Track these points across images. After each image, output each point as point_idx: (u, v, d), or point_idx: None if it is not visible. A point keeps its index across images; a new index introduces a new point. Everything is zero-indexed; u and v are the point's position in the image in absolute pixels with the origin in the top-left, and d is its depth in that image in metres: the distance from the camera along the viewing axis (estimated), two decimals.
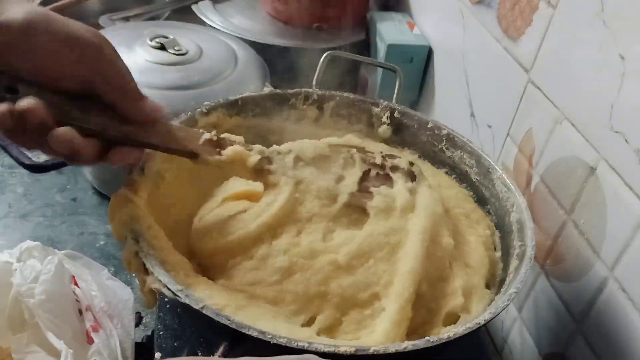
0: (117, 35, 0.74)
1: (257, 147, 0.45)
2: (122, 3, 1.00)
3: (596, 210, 0.48)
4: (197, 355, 0.48)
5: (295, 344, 0.34)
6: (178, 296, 0.35)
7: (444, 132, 0.54)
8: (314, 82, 0.56)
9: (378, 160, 0.47)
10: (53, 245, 0.67)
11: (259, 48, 0.83)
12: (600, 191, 0.47)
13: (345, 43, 0.89)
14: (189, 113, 0.50)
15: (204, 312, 0.35)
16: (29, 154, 0.80)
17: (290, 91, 0.55)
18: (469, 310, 0.43)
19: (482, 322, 0.37)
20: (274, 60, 0.83)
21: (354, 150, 0.47)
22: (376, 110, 0.56)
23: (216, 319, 0.34)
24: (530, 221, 0.45)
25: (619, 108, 0.45)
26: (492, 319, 0.38)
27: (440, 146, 0.55)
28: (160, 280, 0.36)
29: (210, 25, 0.89)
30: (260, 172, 0.44)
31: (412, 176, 0.47)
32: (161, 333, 0.51)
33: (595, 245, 0.48)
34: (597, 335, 0.48)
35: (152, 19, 0.90)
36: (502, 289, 0.42)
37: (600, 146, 0.47)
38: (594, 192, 0.48)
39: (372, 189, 0.45)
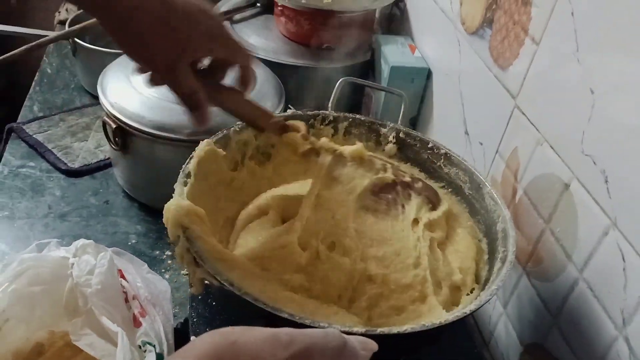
0: None
1: (312, 139, 0.60)
2: None
3: (569, 221, 0.56)
4: None
5: (318, 324, 0.42)
6: (223, 284, 0.43)
7: (442, 151, 0.62)
8: (329, 105, 0.64)
9: (407, 179, 0.58)
10: None
11: (274, 66, 0.91)
12: (573, 204, 0.55)
13: (353, 63, 0.97)
14: (225, 131, 0.58)
15: (244, 297, 0.43)
16: (65, 160, 0.88)
17: (310, 113, 0.63)
18: (466, 283, 0.52)
19: (468, 312, 0.45)
20: (287, 78, 0.91)
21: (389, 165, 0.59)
22: (384, 130, 0.65)
23: (255, 303, 0.42)
24: (512, 230, 0.53)
25: (589, 135, 0.53)
26: (477, 309, 0.46)
27: (438, 163, 0.63)
28: (208, 272, 0.44)
29: None
30: (305, 157, 0.59)
31: (431, 202, 0.59)
32: (195, 320, 0.59)
33: (568, 250, 0.56)
34: (570, 327, 0.57)
35: None
36: (487, 286, 0.50)
37: (573, 166, 0.55)
38: (567, 205, 0.56)
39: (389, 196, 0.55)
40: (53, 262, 0.57)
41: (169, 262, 0.76)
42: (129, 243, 0.78)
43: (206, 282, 0.48)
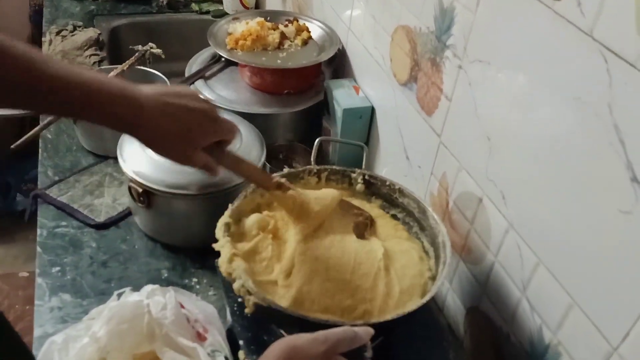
0: None
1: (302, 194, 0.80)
2: None
3: (484, 223, 0.83)
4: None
5: (334, 323, 0.67)
6: (270, 305, 0.67)
7: (397, 187, 0.88)
8: (312, 160, 0.88)
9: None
10: (132, 282, 0.96)
11: (247, 116, 1.13)
12: (486, 212, 0.82)
13: (311, 105, 1.21)
14: (244, 191, 0.81)
15: (287, 312, 0.67)
16: (91, 216, 1.08)
17: (300, 169, 0.87)
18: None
19: (424, 302, 0.71)
20: (259, 124, 1.13)
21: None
22: (354, 175, 0.90)
23: (296, 315, 0.67)
24: (448, 241, 0.78)
25: (490, 167, 0.80)
26: (430, 298, 0.72)
27: (395, 196, 0.88)
28: (262, 298, 0.68)
29: None
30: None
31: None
32: (238, 329, 0.82)
33: (487, 243, 0.83)
34: (493, 294, 0.84)
35: None
36: (434, 282, 0.76)
37: (483, 187, 0.82)
38: (482, 213, 0.83)
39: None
40: (131, 305, 0.78)
41: (197, 287, 0.98)
42: (162, 277, 0.99)
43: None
